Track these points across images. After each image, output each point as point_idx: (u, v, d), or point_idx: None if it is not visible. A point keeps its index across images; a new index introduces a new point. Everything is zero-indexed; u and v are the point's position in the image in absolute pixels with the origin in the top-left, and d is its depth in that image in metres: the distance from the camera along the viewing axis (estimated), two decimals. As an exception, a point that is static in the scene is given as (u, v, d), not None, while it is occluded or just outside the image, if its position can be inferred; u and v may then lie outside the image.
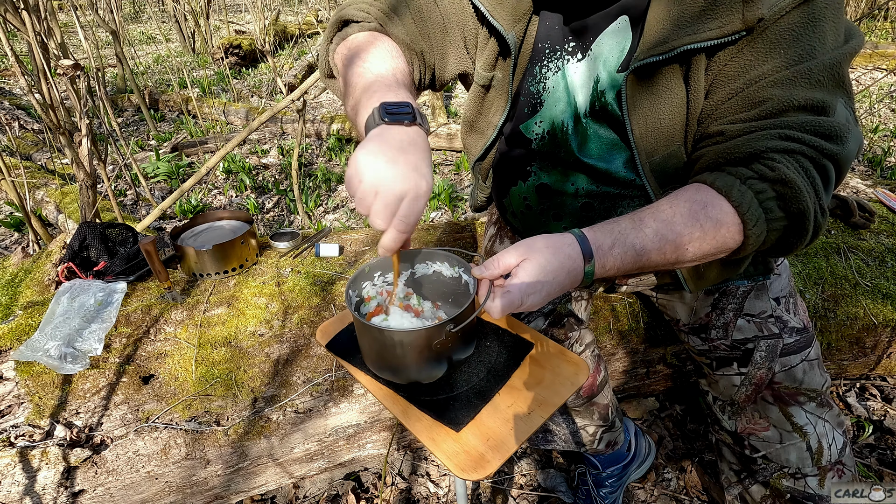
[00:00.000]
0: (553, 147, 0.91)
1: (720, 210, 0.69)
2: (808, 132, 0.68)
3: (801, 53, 0.69)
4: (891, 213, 1.59)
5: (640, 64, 0.76)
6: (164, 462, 1.11)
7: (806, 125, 0.68)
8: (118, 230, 1.46)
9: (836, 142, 0.68)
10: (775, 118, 0.70)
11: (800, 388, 0.95)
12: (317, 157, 3.68)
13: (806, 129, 0.69)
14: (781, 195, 0.68)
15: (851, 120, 0.71)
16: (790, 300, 1.00)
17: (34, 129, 4.08)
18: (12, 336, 1.20)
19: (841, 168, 0.70)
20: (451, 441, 0.74)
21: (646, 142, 0.81)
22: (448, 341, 0.76)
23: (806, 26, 0.69)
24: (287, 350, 1.23)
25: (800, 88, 0.69)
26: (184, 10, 6.50)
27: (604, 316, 1.33)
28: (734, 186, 0.69)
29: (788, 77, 0.69)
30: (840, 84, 0.70)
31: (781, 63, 0.70)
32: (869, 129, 3.42)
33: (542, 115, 0.90)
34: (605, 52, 0.82)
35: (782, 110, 0.70)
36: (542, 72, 0.89)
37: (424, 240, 1.55)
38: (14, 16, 1.64)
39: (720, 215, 0.69)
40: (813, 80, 0.69)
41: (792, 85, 0.69)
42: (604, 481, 1.26)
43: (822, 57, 0.68)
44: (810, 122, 0.68)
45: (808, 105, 0.69)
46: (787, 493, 0.96)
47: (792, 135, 0.68)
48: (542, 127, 0.91)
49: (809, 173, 0.68)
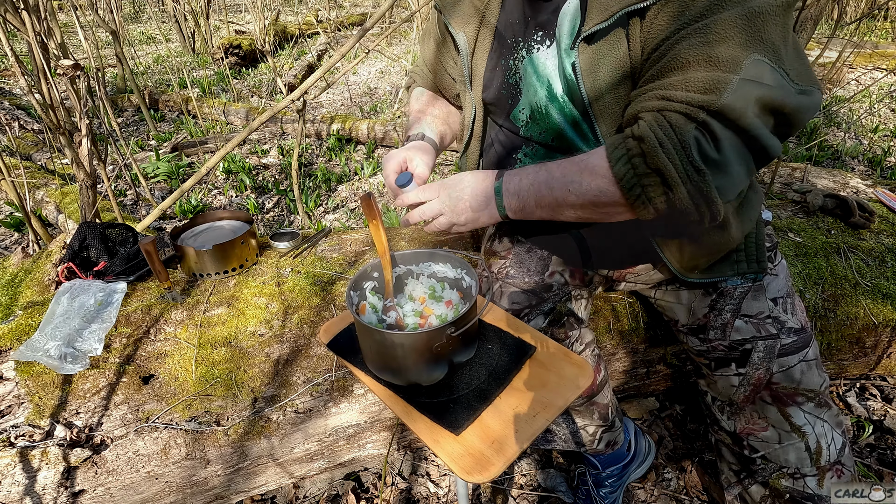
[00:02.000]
0: (535, 130, 0.97)
1: (596, 161, 0.78)
2: (684, 88, 0.70)
3: (703, 10, 0.70)
4: (891, 213, 1.59)
5: (587, 33, 0.80)
6: (165, 462, 1.11)
7: (686, 83, 0.70)
8: (118, 230, 1.46)
9: (711, 93, 0.67)
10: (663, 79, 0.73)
11: (798, 388, 0.95)
12: (317, 157, 3.68)
13: (682, 87, 0.70)
14: (643, 151, 0.72)
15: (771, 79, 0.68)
16: (788, 301, 1.00)
17: (34, 129, 4.08)
18: (12, 336, 1.20)
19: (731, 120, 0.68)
20: (455, 442, 0.74)
21: (603, 114, 0.85)
22: (449, 344, 0.76)
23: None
24: (287, 350, 1.23)
25: (696, 45, 0.70)
26: (184, 10, 6.50)
27: (604, 316, 1.33)
28: (614, 144, 0.76)
29: (687, 34, 0.71)
30: (756, 40, 0.69)
31: (685, 21, 0.71)
32: (869, 128, 3.42)
33: (523, 102, 0.97)
34: (562, 32, 0.87)
35: (673, 68, 0.72)
36: (514, 64, 0.96)
37: (425, 240, 1.55)
38: (14, 16, 1.63)
39: (594, 165, 0.78)
40: (711, 36, 0.69)
41: (688, 42, 0.71)
42: (604, 481, 1.26)
43: (725, 12, 0.69)
44: (689, 79, 0.70)
45: (702, 60, 0.69)
46: (786, 493, 0.97)
47: (666, 94, 0.71)
48: (525, 113, 0.97)
49: (678, 129, 0.69)
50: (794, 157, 2.99)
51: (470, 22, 1.00)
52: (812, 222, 1.54)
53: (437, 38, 1.14)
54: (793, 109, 0.70)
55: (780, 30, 0.70)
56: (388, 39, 6.48)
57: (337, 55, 1.91)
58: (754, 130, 0.69)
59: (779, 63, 0.69)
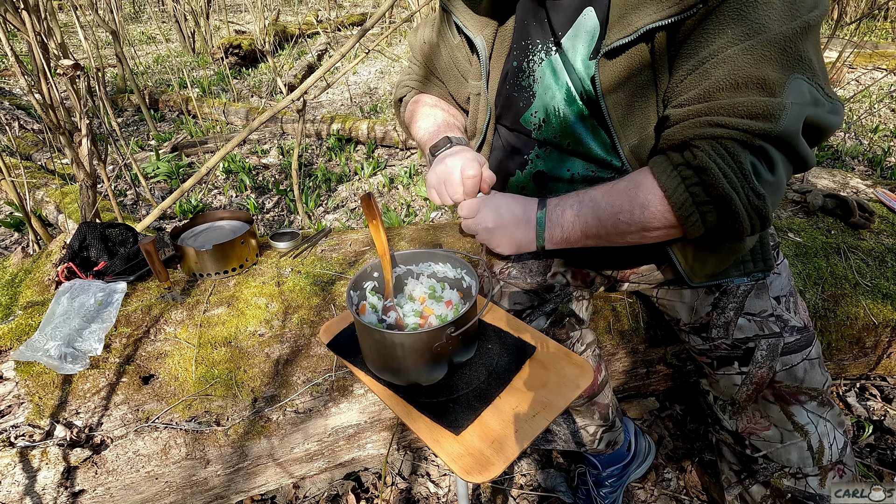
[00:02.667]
0: (550, 133, 0.95)
1: (648, 192, 0.77)
2: (736, 115, 0.70)
3: (746, 30, 0.69)
4: (891, 213, 1.59)
5: (608, 49, 0.79)
6: (165, 462, 1.11)
7: (737, 107, 0.69)
8: (118, 230, 1.46)
9: (767, 120, 0.68)
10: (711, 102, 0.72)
11: (801, 387, 0.95)
12: (317, 157, 3.68)
13: (735, 112, 0.70)
14: (703, 181, 0.71)
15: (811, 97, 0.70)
16: (790, 299, 1.00)
17: (34, 129, 4.07)
18: (12, 336, 1.20)
19: (786, 144, 0.69)
20: (455, 443, 0.73)
21: (623, 125, 0.85)
22: (449, 344, 0.76)
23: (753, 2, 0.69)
24: (287, 350, 1.23)
25: (743, 67, 0.69)
26: (184, 10, 6.50)
27: (604, 316, 1.33)
28: (665, 172, 0.75)
29: (731, 55, 0.70)
30: (796, 59, 0.69)
31: (727, 41, 0.70)
32: (869, 129, 3.42)
33: (536, 105, 0.96)
34: (577, 43, 0.86)
35: (719, 89, 0.71)
36: (529, 66, 0.94)
37: (425, 240, 1.55)
38: (14, 16, 1.63)
39: (648, 197, 0.77)
40: (757, 56, 0.69)
41: (734, 63, 0.70)
42: (604, 481, 1.26)
43: (770, 32, 0.68)
44: (741, 103, 0.69)
45: (750, 83, 0.69)
46: (787, 493, 0.96)
47: (720, 121, 0.71)
48: (538, 116, 0.96)
49: (736, 157, 0.69)
50: (794, 157, 2.99)
51: (488, 25, 0.98)
52: (812, 222, 1.54)
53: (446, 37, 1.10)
54: (826, 126, 0.72)
55: (814, 46, 0.71)
56: (388, 39, 6.48)
57: (337, 55, 1.91)
58: (802, 150, 0.71)
59: (814, 79, 0.71)
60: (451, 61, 1.10)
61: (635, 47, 0.78)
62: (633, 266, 1.08)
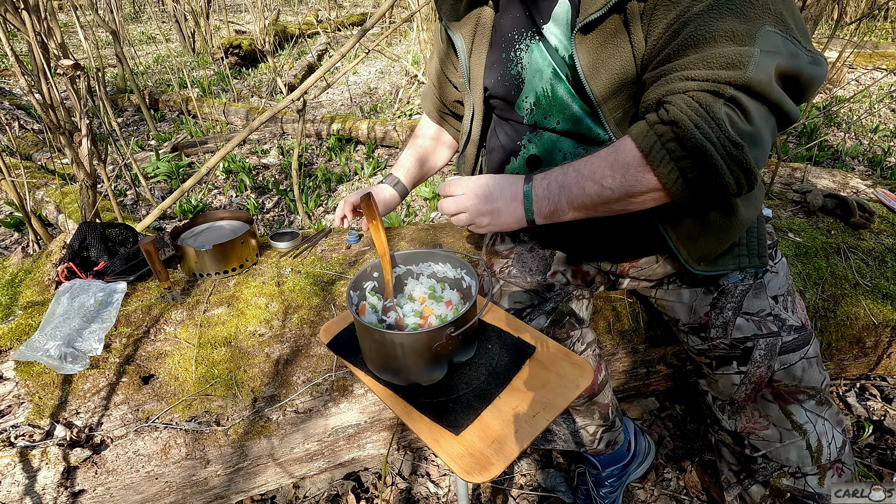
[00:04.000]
0: (540, 115, 0.97)
1: (627, 153, 0.77)
2: (706, 66, 0.70)
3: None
4: (891, 213, 1.59)
5: (582, 24, 0.81)
6: (164, 462, 1.11)
7: (706, 59, 0.70)
8: (118, 230, 1.46)
9: (735, 68, 0.68)
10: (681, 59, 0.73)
11: (799, 385, 0.95)
12: (317, 157, 3.68)
13: (704, 64, 0.70)
14: (677, 135, 0.71)
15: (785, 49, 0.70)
16: (788, 298, 1.00)
17: (34, 129, 4.07)
18: (12, 336, 1.20)
19: (757, 92, 0.69)
20: (455, 443, 0.74)
21: (606, 100, 0.86)
22: (448, 344, 0.76)
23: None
24: (287, 350, 1.23)
25: (709, 22, 0.71)
26: (184, 10, 6.50)
27: (604, 316, 1.33)
28: (642, 133, 0.75)
29: (698, 13, 0.71)
30: (764, 11, 0.70)
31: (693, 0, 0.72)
32: (869, 129, 3.42)
33: (526, 90, 0.97)
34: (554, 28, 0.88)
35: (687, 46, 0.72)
36: (516, 55, 0.97)
37: (424, 240, 1.55)
38: (14, 16, 1.63)
39: (627, 158, 0.76)
40: (722, 11, 0.70)
41: (701, 20, 0.71)
42: (603, 481, 1.26)
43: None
44: (709, 55, 0.70)
45: (718, 36, 0.70)
46: (787, 493, 0.96)
47: (689, 74, 0.71)
48: (529, 101, 0.98)
49: (708, 108, 0.69)
50: (794, 157, 2.99)
51: (466, 23, 1.01)
52: (812, 222, 1.54)
53: (441, 49, 1.16)
54: (808, 78, 0.72)
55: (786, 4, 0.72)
56: (388, 39, 6.48)
57: (337, 55, 1.91)
58: (778, 99, 0.70)
59: (788, 32, 0.71)
60: (441, 67, 1.16)
61: (609, 20, 0.80)
62: (632, 257, 1.08)
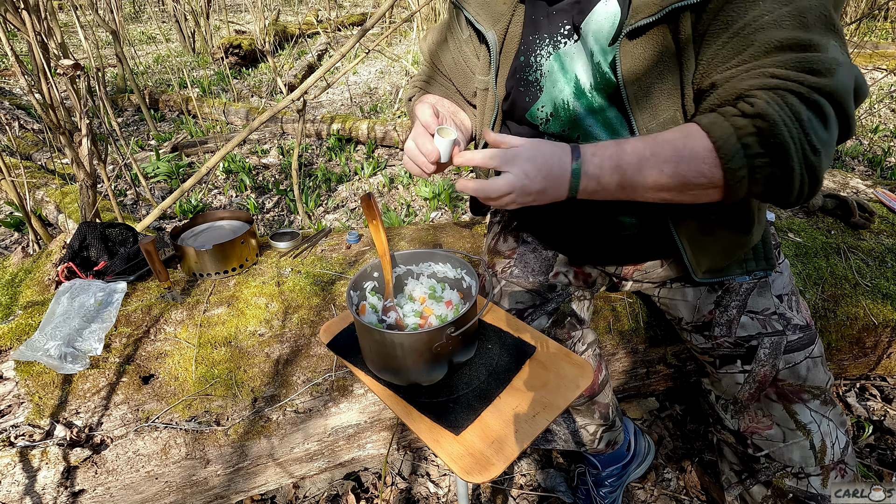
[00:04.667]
0: (558, 126, 0.95)
1: (698, 142, 0.72)
2: (792, 68, 0.69)
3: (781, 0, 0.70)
4: (891, 213, 1.59)
5: (631, 28, 0.79)
6: (164, 462, 1.11)
7: (790, 62, 0.69)
8: (118, 230, 1.46)
9: (822, 75, 0.67)
10: (760, 59, 0.71)
11: (804, 385, 0.95)
12: (317, 157, 3.68)
13: (790, 65, 0.69)
14: (760, 130, 0.68)
15: (845, 59, 0.70)
16: (792, 298, 1.00)
17: (34, 129, 4.07)
18: (12, 336, 1.20)
19: (838, 102, 0.68)
20: (455, 443, 0.73)
21: (642, 109, 0.84)
22: (449, 344, 0.76)
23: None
24: (287, 350, 1.23)
25: (784, 30, 0.70)
26: (184, 10, 6.50)
27: (604, 316, 1.33)
28: (716, 122, 0.71)
29: (771, 21, 0.70)
30: (830, 27, 0.70)
31: (763, 10, 0.71)
32: (869, 129, 3.42)
33: (543, 99, 0.95)
34: (595, 28, 0.86)
35: (767, 51, 0.71)
36: (536, 61, 0.94)
37: (425, 240, 1.55)
38: (14, 16, 1.63)
39: (696, 147, 0.72)
40: (797, 21, 0.70)
41: (776, 27, 0.70)
42: (603, 481, 1.26)
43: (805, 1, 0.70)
44: (794, 58, 0.69)
45: (794, 45, 0.69)
46: (789, 493, 0.96)
47: (776, 72, 0.70)
48: (546, 110, 0.96)
49: (794, 109, 0.67)
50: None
51: (500, 20, 0.98)
52: (812, 222, 1.54)
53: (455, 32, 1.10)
54: (864, 92, 0.72)
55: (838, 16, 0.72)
56: (388, 39, 6.48)
57: (337, 55, 1.91)
58: (851, 112, 0.69)
59: (844, 47, 0.72)
60: (458, 56, 1.10)
61: (657, 29, 0.78)
62: (638, 262, 1.08)
